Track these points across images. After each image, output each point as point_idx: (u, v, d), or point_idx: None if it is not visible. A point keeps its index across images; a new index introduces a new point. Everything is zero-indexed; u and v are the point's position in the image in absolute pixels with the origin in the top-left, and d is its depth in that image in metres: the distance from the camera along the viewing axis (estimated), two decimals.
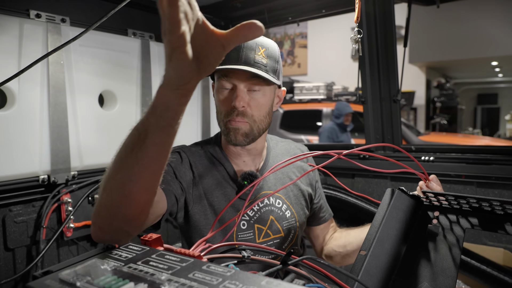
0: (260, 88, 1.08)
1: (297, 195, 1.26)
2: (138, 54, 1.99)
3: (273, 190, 1.20)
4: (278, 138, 1.38)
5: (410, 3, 1.89)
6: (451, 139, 6.40)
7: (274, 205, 1.19)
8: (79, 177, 1.76)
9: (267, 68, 1.08)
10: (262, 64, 1.07)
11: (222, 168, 1.18)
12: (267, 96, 1.11)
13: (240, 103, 1.05)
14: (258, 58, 1.06)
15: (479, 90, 14.38)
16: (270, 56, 1.09)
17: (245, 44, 1.06)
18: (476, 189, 1.80)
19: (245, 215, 1.15)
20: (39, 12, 1.58)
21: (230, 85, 1.09)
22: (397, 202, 0.81)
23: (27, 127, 1.57)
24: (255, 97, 1.09)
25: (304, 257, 0.65)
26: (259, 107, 1.10)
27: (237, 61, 1.05)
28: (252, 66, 1.05)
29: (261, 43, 1.09)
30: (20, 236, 1.58)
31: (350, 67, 8.62)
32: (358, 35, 1.29)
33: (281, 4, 2.16)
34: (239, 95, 1.06)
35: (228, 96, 1.09)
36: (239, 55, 1.06)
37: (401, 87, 1.97)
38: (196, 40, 0.56)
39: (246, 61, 1.05)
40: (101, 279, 0.44)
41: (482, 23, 7.65)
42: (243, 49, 1.06)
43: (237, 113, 1.07)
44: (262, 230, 1.16)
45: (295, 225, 1.22)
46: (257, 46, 1.07)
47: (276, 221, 1.18)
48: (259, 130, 1.13)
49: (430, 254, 0.77)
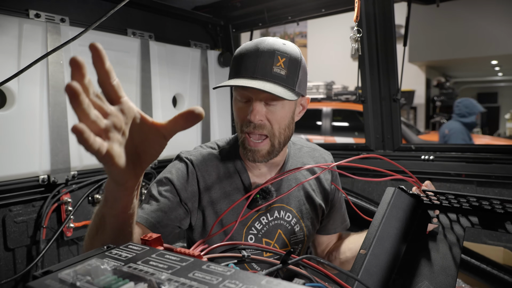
0: (276, 103, 1.00)
1: (309, 209, 1.19)
2: (137, 53, 1.98)
3: (285, 203, 1.15)
4: (304, 142, 1.29)
5: (410, 2, 1.89)
6: None
7: (284, 219, 1.15)
8: (79, 177, 1.76)
9: (287, 81, 0.98)
10: (280, 77, 0.97)
11: (238, 180, 1.12)
12: (286, 108, 1.02)
13: (256, 117, 0.98)
14: (276, 69, 0.96)
15: (479, 89, 14.37)
16: (290, 66, 0.99)
17: (262, 52, 0.97)
18: (476, 188, 1.80)
19: (254, 229, 1.11)
20: (39, 12, 1.58)
21: (246, 97, 1.01)
22: (397, 201, 0.81)
23: (27, 127, 1.57)
24: (272, 110, 1.00)
25: (304, 256, 0.65)
26: (279, 120, 1.02)
27: (253, 73, 0.96)
28: (269, 79, 0.96)
29: (281, 52, 0.98)
30: (20, 236, 1.58)
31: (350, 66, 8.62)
32: (357, 34, 1.29)
33: (280, 4, 2.16)
34: (254, 109, 0.98)
35: (244, 107, 1.02)
36: (255, 65, 0.96)
37: (401, 86, 1.97)
38: (134, 136, 0.58)
39: (263, 73, 0.96)
40: (101, 279, 0.44)
41: (482, 22, 7.64)
42: (260, 58, 0.97)
43: (254, 126, 1.00)
44: (269, 244, 1.13)
45: (303, 239, 1.19)
46: (276, 56, 0.97)
47: (283, 235, 1.15)
48: (280, 144, 1.06)
49: (430, 253, 0.77)
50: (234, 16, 2.36)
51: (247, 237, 1.10)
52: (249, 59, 0.98)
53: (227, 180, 1.12)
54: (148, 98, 2.03)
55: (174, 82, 2.21)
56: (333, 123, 6.00)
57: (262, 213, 1.12)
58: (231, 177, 1.12)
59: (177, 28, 2.27)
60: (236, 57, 1.03)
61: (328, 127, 5.99)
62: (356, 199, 1.98)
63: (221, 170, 1.12)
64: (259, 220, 1.12)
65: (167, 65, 2.15)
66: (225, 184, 1.11)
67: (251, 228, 1.11)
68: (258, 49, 0.98)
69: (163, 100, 2.15)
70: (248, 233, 1.11)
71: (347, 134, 5.89)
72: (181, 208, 1.05)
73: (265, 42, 0.99)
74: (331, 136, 5.91)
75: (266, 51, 0.97)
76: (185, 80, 2.27)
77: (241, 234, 1.10)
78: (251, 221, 1.11)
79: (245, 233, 1.10)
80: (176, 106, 2.29)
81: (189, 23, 2.33)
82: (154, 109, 2.07)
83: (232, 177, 1.12)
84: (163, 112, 2.15)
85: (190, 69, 2.29)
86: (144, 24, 2.05)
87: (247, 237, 1.10)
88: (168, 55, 2.15)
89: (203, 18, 2.30)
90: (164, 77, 2.14)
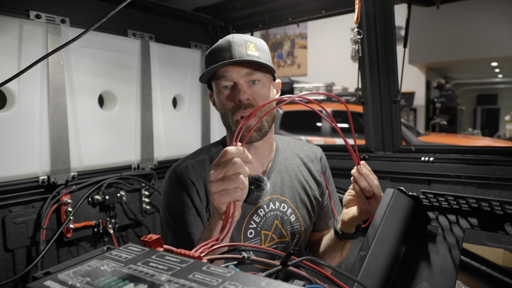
0: (259, 78, 1.10)
1: (304, 199, 1.24)
2: (138, 54, 1.99)
3: (279, 194, 1.19)
4: (290, 139, 1.37)
5: (410, 3, 1.89)
6: (451, 140, 6.40)
7: (279, 209, 1.19)
8: (79, 178, 1.76)
9: (261, 59, 1.09)
10: (255, 57, 1.09)
11: None
12: (266, 87, 1.13)
13: (244, 96, 1.07)
14: (250, 52, 1.09)
15: (479, 90, 14.38)
16: (260, 49, 1.12)
17: (233, 42, 1.09)
18: (476, 190, 1.80)
19: (252, 222, 1.14)
20: (39, 13, 1.58)
21: (230, 83, 1.10)
22: (397, 202, 0.81)
23: (27, 128, 1.57)
24: (255, 89, 1.10)
25: (303, 258, 0.65)
26: (262, 97, 1.11)
27: (230, 58, 1.07)
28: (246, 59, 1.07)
29: (248, 39, 1.12)
30: (20, 237, 1.58)
31: (350, 68, 8.62)
32: (358, 35, 1.29)
33: (281, 5, 2.16)
34: (241, 89, 1.08)
35: (230, 94, 1.11)
36: (231, 53, 1.08)
37: (401, 88, 1.97)
38: None
39: (240, 56, 1.07)
40: (101, 280, 0.44)
41: (482, 23, 7.65)
42: (233, 47, 1.08)
43: (244, 106, 1.08)
44: (267, 236, 1.16)
45: (300, 230, 1.22)
46: (246, 42, 1.10)
47: (280, 225, 1.18)
48: (268, 122, 1.14)
49: (429, 255, 0.77)
50: (235, 17, 2.36)
51: (246, 231, 1.13)
52: (224, 50, 1.10)
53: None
54: (148, 99, 2.04)
55: (174, 83, 2.21)
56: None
57: (259, 206, 1.15)
58: None
59: (178, 29, 2.27)
60: (211, 52, 1.14)
61: (327, 128, 6.00)
62: None
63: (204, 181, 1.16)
64: (257, 212, 1.15)
65: (167, 66, 2.16)
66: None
67: (250, 222, 1.14)
68: (230, 41, 1.10)
69: (163, 101, 2.15)
70: (247, 227, 1.13)
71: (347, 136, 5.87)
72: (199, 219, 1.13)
73: (234, 35, 1.13)
74: (331, 138, 5.91)
75: (237, 41, 1.10)
76: (185, 81, 2.27)
77: (241, 229, 1.12)
78: (249, 215, 1.14)
79: (245, 227, 1.13)
80: (176, 107, 2.29)
81: (190, 24, 2.33)
82: (154, 110, 2.08)
83: None
84: (163, 113, 2.15)
85: (190, 70, 2.29)
86: (144, 25, 2.06)
87: (246, 231, 1.13)
88: (168, 56, 2.16)
89: (204, 19, 2.30)
90: (164, 78, 2.14)
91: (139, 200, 2.02)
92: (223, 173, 0.80)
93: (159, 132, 2.13)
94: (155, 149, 2.10)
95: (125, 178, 1.93)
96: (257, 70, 1.09)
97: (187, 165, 1.16)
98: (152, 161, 2.09)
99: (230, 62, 1.06)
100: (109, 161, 1.90)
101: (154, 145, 2.09)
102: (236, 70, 1.08)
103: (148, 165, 2.07)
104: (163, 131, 2.16)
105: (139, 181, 1.99)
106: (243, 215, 1.13)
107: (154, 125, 2.08)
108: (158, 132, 2.12)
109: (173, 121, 2.22)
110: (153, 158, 2.09)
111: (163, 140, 2.16)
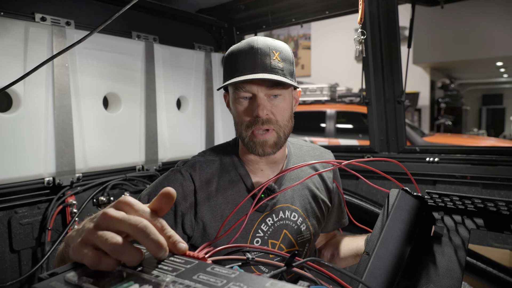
0: (280, 92, 1.05)
1: (314, 208, 1.20)
2: (142, 56, 2.00)
3: (290, 203, 1.15)
4: (303, 143, 1.32)
5: (414, 3, 1.89)
6: (456, 140, 6.36)
7: (290, 219, 1.15)
8: (84, 179, 1.77)
9: (284, 72, 1.03)
10: (279, 69, 1.02)
11: (241, 185, 1.12)
12: (287, 100, 1.07)
13: (263, 112, 1.02)
14: (274, 63, 1.02)
15: (484, 90, 14.29)
16: (285, 58, 1.05)
17: (258, 49, 1.02)
18: (482, 190, 1.79)
19: (260, 231, 1.10)
20: (44, 15, 1.59)
21: (249, 94, 1.04)
22: (401, 202, 0.81)
23: (32, 130, 1.58)
24: (276, 103, 1.05)
25: (308, 259, 0.65)
26: (282, 112, 1.06)
27: (253, 68, 1.01)
28: (269, 72, 1.01)
29: (274, 47, 1.04)
30: (26, 238, 1.59)
31: (354, 68, 8.61)
32: (361, 36, 1.29)
33: (284, 6, 2.17)
34: (261, 104, 1.02)
35: (248, 106, 1.05)
36: (254, 62, 1.01)
37: (405, 88, 1.96)
38: None
39: (263, 68, 1.01)
40: (106, 281, 0.45)
41: (487, 23, 7.61)
42: (257, 55, 1.01)
43: (262, 122, 1.03)
44: (275, 245, 1.12)
45: (310, 239, 1.19)
46: (271, 51, 1.02)
47: (290, 235, 1.14)
48: (285, 135, 1.09)
49: (435, 256, 0.76)
50: (238, 18, 2.37)
51: (253, 240, 1.09)
52: (245, 57, 1.02)
53: (230, 186, 1.11)
54: (152, 100, 2.04)
55: (179, 84, 2.22)
56: (337, 125, 5.99)
57: (267, 214, 1.11)
58: (233, 182, 1.11)
59: (181, 30, 2.28)
60: (230, 57, 1.06)
61: (332, 129, 5.98)
62: (361, 201, 1.98)
63: (222, 177, 1.11)
64: (264, 221, 1.11)
65: (172, 67, 2.16)
66: (228, 190, 1.10)
67: (258, 231, 1.10)
68: (253, 47, 1.02)
69: (167, 103, 2.15)
70: (254, 236, 1.09)
71: (351, 136, 5.87)
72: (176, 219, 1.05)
73: (258, 40, 1.04)
74: (335, 138, 5.90)
75: (261, 47, 1.02)
76: (189, 83, 2.28)
77: (247, 238, 1.09)
78: (257, 224, 1.10)
79: (252, 237, 1.09)
80: (180, 109, 2.29)
81: (193, 25, 2.34)
82: (158, 111, 2.08)
83: (235, 183, 1.12)
84: (167, 114, 2.16)
85: (194, 71, 2.30)
86: (148, 27, 2.06)
87: (253, 241, 1.09)
88: (173, 57, 2.16)
89: (207, 20, 2.31)
90: (168, 80, 2.15)
91: None
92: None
93: (163, 134, 2.13)
94: (159, 150, 2.10)
95: (130, 179, 1.94)
96: (279, 83, 1.03)
97: (195, 162, 1.12)
98: (157, 162, 2.09)
99: (252, 79, 1.00)
100: (113, 162, 1.91)
101: (158, 146, 2.10)
102: (258, 81, 1.01)
103: (153, 166, 2.07)
104: (167, 132, 2.16)
105: (144, 182, 2.00)
106: (251, 223, 1.09)
107: (158, 126, 2.09)
108: (162, 133, 2.13)
109: (177, 122, 2.22)
110: (158, 159, 2.10)
111: (167, 141, 2.17)
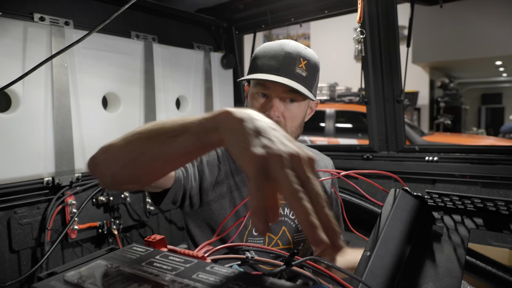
0: (296, 98, 1.06)
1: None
2: (141, 56, 1.99)
3: None
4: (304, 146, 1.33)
5: (413, 3, 1.89)
6: (455, 139, 6.37)
7: (288, 216, 1.16)
8: (83, 179, 1.77)
9: (306, 81, 1.04)
10: (302, 77, 1.03)
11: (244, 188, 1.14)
12: (301, 108, 1.09)
13: (275, 114, 1.03)
14: (298, 70, 1.03)
15: (483, 90, 14.31)
16: (310, 69, 1.05)
17: (287, 52, 1.03)
18: (481, 189, 1.79)
19: None
20: (43, 15, 1.59)
21: (266, 92, 1.06)
22: (401, 202, 0.81)
23: (31, 130, 1.58)
24: (289, 108, 1.06)
25: (307, 258, 0.65)
26: (293, 118, 1.07)
27: (277, 70, 1.02)
28: (291, 77, 1.02)
29: (304, 55, 1.05)
30: (25, 238, 1.59)
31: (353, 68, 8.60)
32: (360, 35, 1.29)
33: (283, 5, 2.16)
34: (274, 105, 1.03)
35: (262, 104, 1.07)
36: (280, 64, 1.02)
37: (404, 88, 1.96)
38: None
39: (286, 72, 1.02)
40: (106, 280, 0.44)
41: (486, 22, 7.61)
42: (285, 57, 1.03)
43: None
44: (272, 239, 1.14)
45: (305, 238, 1.20)
46: (299, 58, 1.04)
47: (288, 232, 1.16)
48: (296, 136, 1.11)
49: (434, 255, 0.76)
50: (237, 18, 2.36)
51: (252, 229, 1.10)
52: (273, 57, 1.04)
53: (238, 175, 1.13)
54: (151, 100, 2.04)
55: (178, 84, 2.21)
56: (336, 124, 6.00)
57: None
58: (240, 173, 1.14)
59: (180, 30, 2.27)
60: (260, 54, 1.08)
61: (331, 128, 5.98)
62: (360, 200, 1.98)
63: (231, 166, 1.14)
64: None
65: (171, 67, 2.16)
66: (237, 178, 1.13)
67: None
68: (283, 49, 1.04)
69: (166, 102, 2.15)
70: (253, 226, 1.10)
71: (350, 136, 5.88)
72: (198, 177, 1.06)
73: (290, 44, 1.06)
74: (335, 138, 5.90)
75: (291, 52, 1.03)
76: (188, 82, 2.28)
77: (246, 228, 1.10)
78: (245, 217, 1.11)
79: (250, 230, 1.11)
80: (180, 108, 2.29)
81: (192, 25, 2.33)
82: (157, 111, 2.08)
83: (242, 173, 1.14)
84: (167, 114, 2.15)
85: (193, 71, 2.30)
86: (147, 27, 2.06)
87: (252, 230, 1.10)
88: (172, 57, 2.16)
89: (206, 20, 2.31)
90: (167, 80, 2.15)
91: (143, 201, 2.03)
92: None
93: None
94: None
95: None
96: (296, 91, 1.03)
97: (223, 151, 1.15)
98: None
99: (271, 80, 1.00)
100: None
101: None
102: (276, 84, 1.03)
103: None
104: None
105: None
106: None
107: None
108: None
109: None
110: None
111: None
